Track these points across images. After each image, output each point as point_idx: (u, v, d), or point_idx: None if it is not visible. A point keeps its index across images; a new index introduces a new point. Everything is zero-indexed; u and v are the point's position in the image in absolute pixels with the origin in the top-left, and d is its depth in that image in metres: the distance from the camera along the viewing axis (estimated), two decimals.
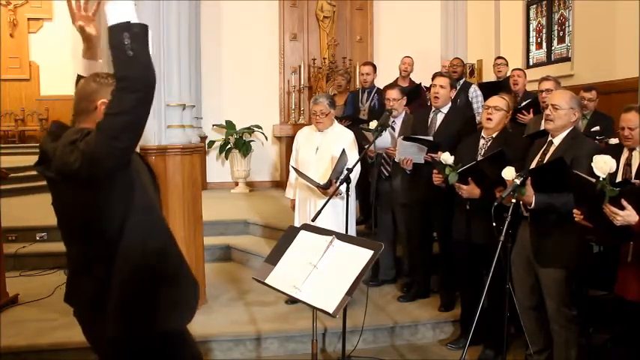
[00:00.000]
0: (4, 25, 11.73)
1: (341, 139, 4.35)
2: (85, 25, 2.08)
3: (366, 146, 4.20)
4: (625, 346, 2.86)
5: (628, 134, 3.00)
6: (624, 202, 2.50)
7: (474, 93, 6.07)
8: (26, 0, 11.83)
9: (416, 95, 5.72)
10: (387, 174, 4.72)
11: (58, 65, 11.62)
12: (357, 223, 5.40)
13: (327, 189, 4.05)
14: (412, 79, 6.53)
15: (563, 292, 3.19)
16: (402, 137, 4.27)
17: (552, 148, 3.23)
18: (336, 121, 4.53)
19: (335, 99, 4.94)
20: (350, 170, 3.71)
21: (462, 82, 6.29)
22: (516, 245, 3.36)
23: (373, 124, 4.48)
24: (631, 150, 3.01)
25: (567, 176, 2.83)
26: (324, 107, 4.35)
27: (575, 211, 2.79)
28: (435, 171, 3.69)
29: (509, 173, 3.06)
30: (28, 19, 11.92)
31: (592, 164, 2.55)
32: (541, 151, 3.29)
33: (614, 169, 2.55)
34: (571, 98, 3.23)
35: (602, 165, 2.53)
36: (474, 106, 5.87)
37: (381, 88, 5.93)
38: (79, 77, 2.12)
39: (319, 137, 4.41)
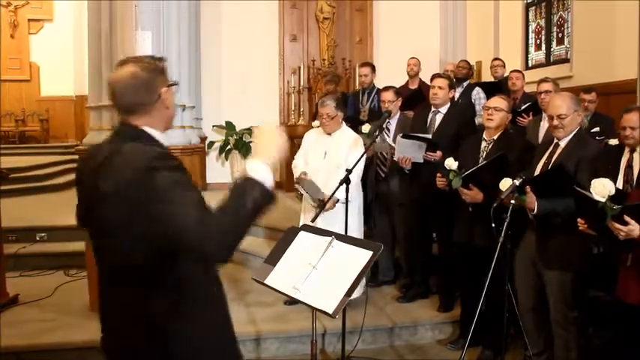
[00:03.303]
0: (5, 26, 11.74)
1: (348, 142, 4.32)
2: None
3: (363, 151, 4.18)
4: (625, 349, 2.87)
5: (629, 134, 3.00)
6: (627, 218, 2.54)
7: (477, 95, 6.06)
8: (27, 1, 11.84)
9: (419, 98, 5.71)
10: (382, 175, 4.72)
11: (58, 66, 11.65)
12: None
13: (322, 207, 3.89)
14: (422, 79, 6.51)
15: (567, 295, 3.20)
16: (400, 135, 4.27)
17: (559, 150, 3.24)
18: (344, 123, 4.46)
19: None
20: (349, 171, 3.72)
21: (465, 84, 6.29)
22: (521, 247, 3.37)
23: (366, 128, 4.48)
24: (632, 152, 3.02)
25: (568, 182, 2.85)
26: (331, 110, 4.30)
27: (579, 220, 2.81)
28: (438, 175, 3.70)
29: (506, 184, 3.07)
30: (29, 20, 11.94)
31: (591, 189, 2.59)
32: (547, 154, 3.29)
33: (612, 192, 2.58)
34: (571, 101, 3.23)
35: (602, 189, 2.56)
36: (477, 107, 5.86)
37: (381, 88, 5.95)
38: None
39: (327, 141, 4.36)
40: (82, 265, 4.61)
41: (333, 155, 4.29)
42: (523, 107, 5.02)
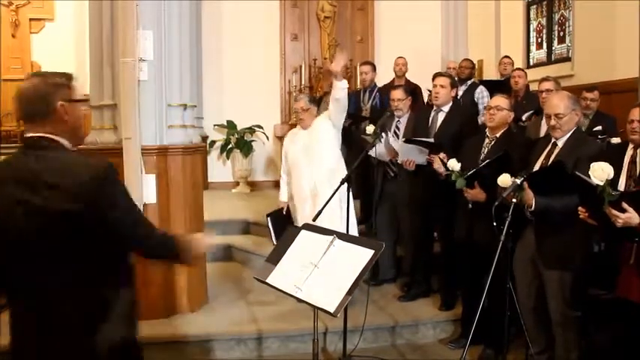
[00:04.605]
0: (6, 26, 11.74)
1: (320, 130, 4.33)
2: None
3: (368, 152, 4.17)
4: (627, 347, 2.87)
5: (636, 127, 3.00)
6: (625, 205, 2.54)
7: (480, 94, 6.06)
8: (28, 0, 11.84)
9: (413, 98, 5.71)
10: (392, 174, 4.70)
11: (59, 65, 11.61)
12: (358, 222, 5.40)
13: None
14: (408, 78, 6.54)
15: (567, 294, 3.19)
16: (403, 140, 4.28)
17: (557, 150, 3.23)
18: (318, 116, 4.47)
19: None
20: (351, 172, 3.72)
21: (469, 82, 6.29)
22: (520, 246, 3.36)
23: (370, 129, 4.48)
24: (636, 148, 3.01)
25: (567, 179, 2.85)
26: (304, 103, 4.38)
27: (580, 208, 2.80)
28: (436, 163, 3.73)
29: (505, 180, 3.07)
30: (30, 19, 11.92)
31: (589, 172, 2.58)
32: (545, 153, 3.29)
33: (611, 176, 2.57)
34: (569, 100, 3.22)
35: (600, 173, 2.56)
36: (480, 107, 5.87)
37: (391, 87, 5.95)
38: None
39: (305, 136, 4.40)
40: None
41: (313, 149, 4.31)
42: (526, 115, 5.00)
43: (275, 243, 4.40)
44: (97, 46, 4.10)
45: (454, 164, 3.54)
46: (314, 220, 3.44)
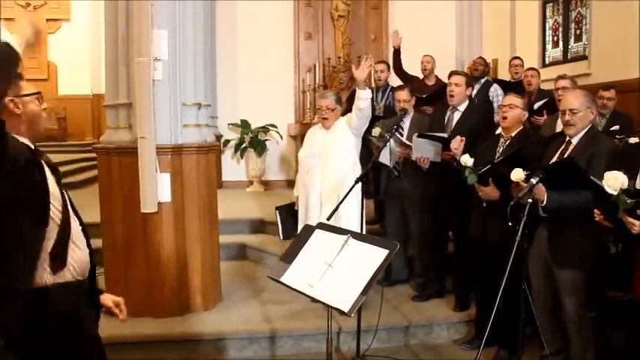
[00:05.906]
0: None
1: (340, 134, 4.24)
2: None
3: (374, 157, 4.13)
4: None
5: None
6: None
7: (495, 92, 6.00)
8: (45, 1, 11.97)
9: (440, 96, 5.68)
10: (396, 173, 4.65)
11: (75, 65, 11.75)
12: (372, 222, 5.39)
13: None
14: (438, 76, 6.48)
15: (581, 294, 3.16)
16: (416, 135, 4.25)
17: (571, 147, 3.21)
18: (341, 118, 4.34)
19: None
20: (361, 177, 3.70)
21: (483, 81, 6.24)
22: (534, 246, 3.34)
23: (376, 131, 4.45)
24: None
25: (578, 175, 2.83)
26: (331, 102, 4.24)
27: (595, 211, 2.78)
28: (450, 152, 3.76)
29: (517, 175, 3.05)
30: (47, 19, 12.06)
31: (603, 181, 2.57)
32: (559, 151, 3.26)
33: (625, 185, 2.55)
34: (585, 98, 3.21)
35: (614, 182, 2.54)
36: (495, 105, 5.81)
37: (395, 86, 5.93)
38: None
39: (323, 137, 4.28)
40: (100, 261, 4.64)
41: (327, 151, 4.20)
42: (538, 104, 4.95)
43: (281, 237, 4.39)
44: (113, 45, 4.13)
45: (467, 159, 3.51)
46: (328, 219, 3.43)
